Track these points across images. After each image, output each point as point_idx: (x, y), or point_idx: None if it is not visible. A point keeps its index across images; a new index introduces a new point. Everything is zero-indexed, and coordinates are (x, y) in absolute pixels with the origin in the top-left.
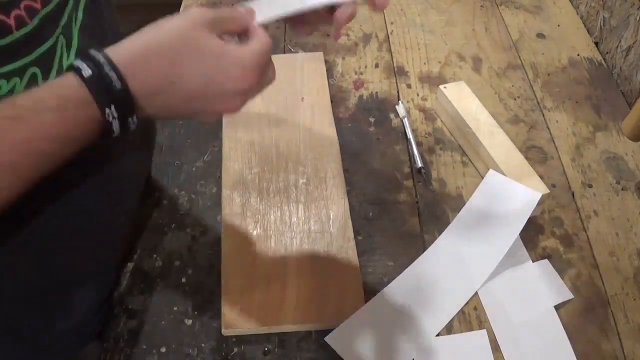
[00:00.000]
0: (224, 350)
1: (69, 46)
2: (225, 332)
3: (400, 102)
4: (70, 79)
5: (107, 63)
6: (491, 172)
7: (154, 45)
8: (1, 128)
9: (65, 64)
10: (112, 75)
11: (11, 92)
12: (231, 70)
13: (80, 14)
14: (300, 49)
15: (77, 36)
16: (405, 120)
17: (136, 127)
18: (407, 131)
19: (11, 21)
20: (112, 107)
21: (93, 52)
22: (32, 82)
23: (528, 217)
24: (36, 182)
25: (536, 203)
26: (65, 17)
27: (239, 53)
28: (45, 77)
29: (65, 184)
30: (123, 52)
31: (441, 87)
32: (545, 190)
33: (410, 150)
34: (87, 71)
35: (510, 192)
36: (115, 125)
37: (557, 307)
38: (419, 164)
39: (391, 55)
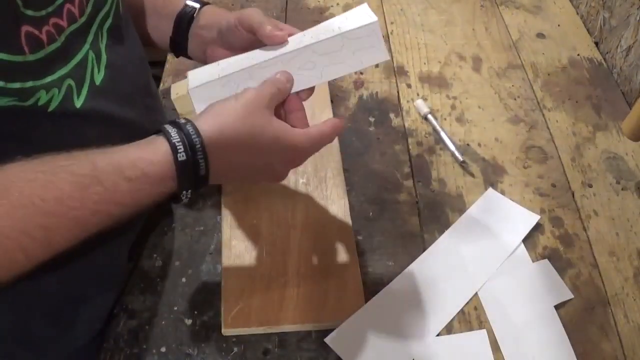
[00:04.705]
0: (224, 350)
1: (98, 61)
2: (225, 332)
3: (420, 98)
4: (160, 155)
5: (201, 150)
6: (490, 190)
7: (233, 136)
8: (80, 185)
9: (96, 77)
10: (202, 164)
11: (49, 101)
12: (288, 153)
13: (105, 33)
14: None
15: (105, 52)
16: (430, 117)
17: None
18: (435, 126)
19: (43, 36)
20: (189, 191)
21: (190, 129)
22: (69, 93)
23: (525, 233)
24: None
25: (533, 225)
26: (92, 35)
27: (296, 139)
28: (79, 88)
29: None
30: (211, 135)
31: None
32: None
33: (443, 145)
34: (182, 155)
35: (508, 212)
36: (185, 198)
37: (557, 307)
38: (460, 158)
39: (391, 55)
